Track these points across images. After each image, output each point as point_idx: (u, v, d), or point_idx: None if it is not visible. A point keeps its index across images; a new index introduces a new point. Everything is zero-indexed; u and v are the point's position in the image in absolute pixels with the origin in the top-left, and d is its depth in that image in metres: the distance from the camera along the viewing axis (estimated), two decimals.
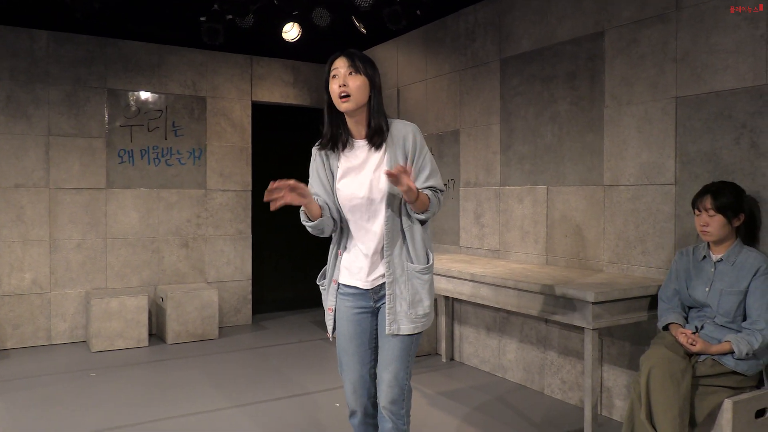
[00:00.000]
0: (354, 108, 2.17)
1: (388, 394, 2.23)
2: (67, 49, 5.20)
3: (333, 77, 2.18)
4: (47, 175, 5.16)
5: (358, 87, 2.15)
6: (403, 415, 2.25)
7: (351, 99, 2.14)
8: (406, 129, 2.23)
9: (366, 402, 2.33)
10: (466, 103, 4.68)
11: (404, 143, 2.21)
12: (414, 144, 2.21)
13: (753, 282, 2.60)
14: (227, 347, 5.16)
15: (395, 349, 2.22)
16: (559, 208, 3.89)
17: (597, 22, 3.62)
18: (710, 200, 2.68)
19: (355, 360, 2.31)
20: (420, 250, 2.24)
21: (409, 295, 2.22)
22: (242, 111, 6.00)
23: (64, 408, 3.70)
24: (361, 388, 2.32)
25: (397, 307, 2.21)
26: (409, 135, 2.22)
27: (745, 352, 2.51)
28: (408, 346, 2.24)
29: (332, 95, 2.19)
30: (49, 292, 5.19)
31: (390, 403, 2.23)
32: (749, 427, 2.58)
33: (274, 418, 3.53)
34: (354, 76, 2.15)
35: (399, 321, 2.21)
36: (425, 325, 2.26)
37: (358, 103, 2.16)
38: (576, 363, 3.77)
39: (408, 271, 2.22)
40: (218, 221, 5.88)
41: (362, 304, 2.28)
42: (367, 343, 2.31)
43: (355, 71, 2.16)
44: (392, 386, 2.22)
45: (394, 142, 2.21)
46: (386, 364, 2.23)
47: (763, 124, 2.82)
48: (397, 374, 2.22)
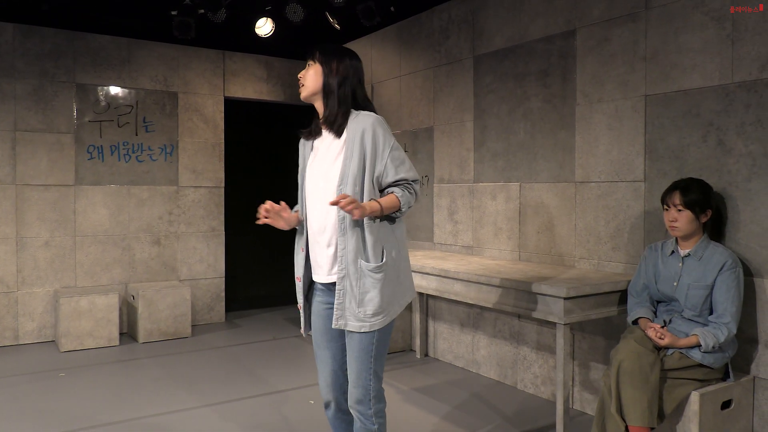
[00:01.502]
0: (306, 95, 2.27)
1: (353, 393, 2.22)
2: (33, 42, 5.08)
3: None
4: (13, 172, 5.04)
5: (310, 75, 2.25)
6: (371, 415, 2.21)
7: (304, 87, 2.27)
8: (365, 122, 2.16)
9: (339, 396, 2.34)
10: (440, 100, 4.69)
11: (362, 138, 2.14)
12: (373, 139, 2.14)
13: (719, 277, 2.66)
14: (200, 346, 5.11)
15: (354, 349, 2.20)
16: (532, 204, 3.93)
17: (568, 20, 3.66)
18: (679, 196, 2.73)
19: (327, 355, 2.33)
20: (374, 248, 2.15)
21: (358, 292, 2.15)
22: (215, 107, 5.93)
23: (32, 409, 3.63)
24: (334, 382, 2.34)
25: (346, 303, 2.16)
26: (368, 130, 2.14)
27: (712, 345, 2.57)
28: (366, 346, 2.17)
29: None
30: (16, 291, 5.07)
31: (356, 403, 2.22)
32: (715, 418, 2.64)
33: (248, 417, 3.51)
34: (310, 66, 2.26)
35: (346, 317, 2.16)
36: (377, 326, 2.16)
37: (310, 90, 2.26)
38: (548, 358, 3.81)
39: (360, 268, 2.15)
40: (191, 218, 5.82)
41: (329, 299, 2.28)
42: (338, 339, 2.30)
43: (312, 61, 2.26)
44: (356, 386, 2.21)
45: (353, 133, 2.16)
46: (349, 363, 2.24)
47: (729, 123, 2.88)
48: (359, 374, 2.19)
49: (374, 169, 2.15)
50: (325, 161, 2.23)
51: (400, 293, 2.24)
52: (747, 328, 2.81)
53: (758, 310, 2.80)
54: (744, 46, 2.82)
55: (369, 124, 2.16)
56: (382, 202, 2.13)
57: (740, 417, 2.76)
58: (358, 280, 2.15)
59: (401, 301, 2.25)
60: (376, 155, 2.15)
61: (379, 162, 2.15)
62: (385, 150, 2.15)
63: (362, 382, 2.20)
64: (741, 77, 2.83)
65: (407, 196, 2.18)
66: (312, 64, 2.25)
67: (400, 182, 2.18)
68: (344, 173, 2.14)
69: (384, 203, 2.13)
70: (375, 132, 2.15)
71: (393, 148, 2.17)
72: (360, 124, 2.16)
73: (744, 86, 2.82)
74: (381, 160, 2.15)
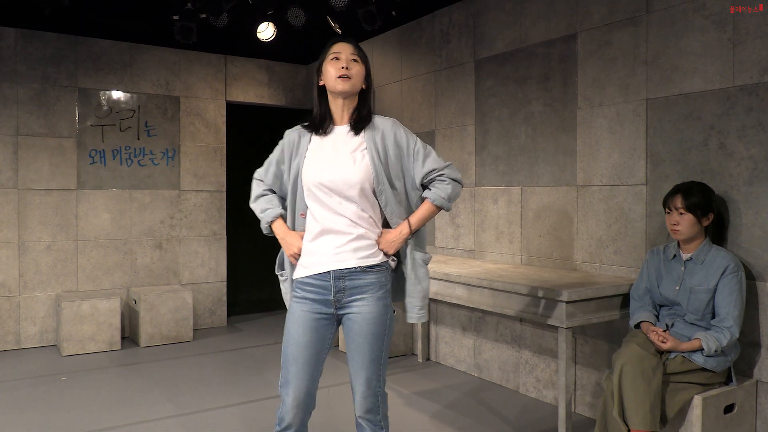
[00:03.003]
0: (350, 91, 2.15)
1: (363, 404, 2.13)
2: (35, 46, 5.10)
3: (333, 59, 2.15)
4: (15, 176, 5.05)
5: (359, 73, 2.16)
6: (380, 420, 2.18)
7: (350, 82, 2.13)
8: (386, 123, 2.20)
9: (304, 417, 2.17)
10: (441, 104, 4.70)
11: (384, 137, 2.16)
12: (398, 139, 2.18)
13: (721, 280, 2.65)
14: (202, 350, 5.11)
15: (365, 356, 2.12)
16: (533, 208, 3.93)
17: (569, 24, 3.66)
18: (681, 199, 2.73)
19: (306, 372, 2.12)
20: (423, 238, 2.26)
21: (414, 281, 2.22)
22: (216, 111, 5.94)
23: (33, 413, 3.62)
24: (303, 402, 2.14)
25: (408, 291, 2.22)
26: (390, 131, 2.18)
27: (714, 349, 2.56)
28: (380, 351, 2.14)
29: (328, 75, 2.15)
30: (18, 296, 5.08)
31: (366, 413, 2.14)
32: (718, 422, 2.63)
33: (250, 421, 3.51)
34: (356, 63, 2.16)
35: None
36: (424, 317, 2.27)
37: (355, 87, 2.16)
38: (550, 361, 3.81)
39: (414, 259, 2.22)
40: (192, 222, 5.82)
41: (319, 308, 2.13)
42: (321, 353, 2.15)
43: (359, 59, 2.17)
44: (366, 396, 2.12)
45: (374, 130, 2.18)
46: (356, 372, 2.13)
47: (730, 126, 2.88)
48: (370, 382, 2.12)
49: (404, 169, 2.19)
50: (339, 156, 2.14)
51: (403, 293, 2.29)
52: (749, 331, 2.81)
53: (760, 314, 2.79)
54: (745, 49, 2.82)
55: (390, 126, 2.20)
56: (412, 218, 2.18)
57: (743, 421, 2.75)
58: (413, 269, 2.19)
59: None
60: (405, 156, 2.19)
61: (408, 162, 2.19)
62: (412, 147, 2.19)
63: (372, 390, 2.13)
64: (742, 80, 2.83)
65: (443, 189, 2.19)
66: (359, 63, 2.17)
67: (432, 175, 2.19)
68: (377, 173, 2.13)
69: (414, 218, 2.18)
70: (397, 134, 2.19)
71: (417, 143, 2.21)
72: (380, 124, 2.20)
73: (745, 90, 2.82)
74: (409, 160, 2.19)
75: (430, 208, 2.20)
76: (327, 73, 2.16)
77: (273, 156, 2.29)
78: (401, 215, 2.18)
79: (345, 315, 2.15)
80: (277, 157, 2.27)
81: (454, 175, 2.21)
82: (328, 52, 2.18)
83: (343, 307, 2.13)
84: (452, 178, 2.21)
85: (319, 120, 2.21)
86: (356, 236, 2.12)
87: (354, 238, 2.11)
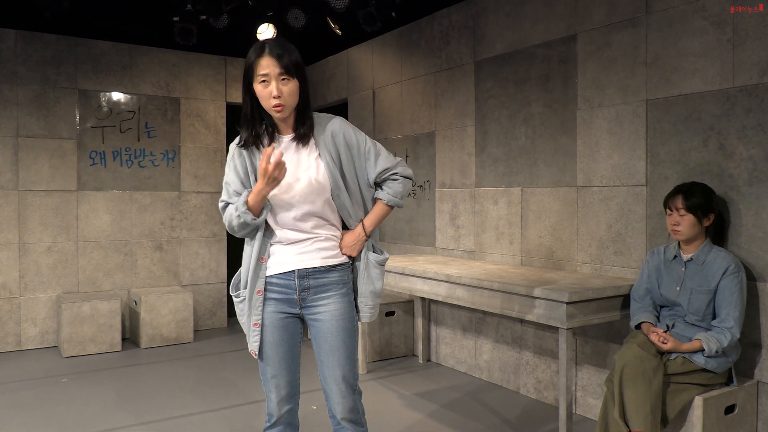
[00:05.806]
0: (287, 114, 2.07)
1: (344, 403, 2.12)
2: (35, 48, 5.10)
3: (262, 81, 2.01)
4: (16, 178, 5.05)
5: (291, 92, 2.03)
6: (360, 416, 2.18)
7: (285, 107, 2.03)
8: (333, 125, 2.14)
9: (294, 406, 2.20)
10: (441, 105, 4.70)
11: (334, 140, 2.12)
12: (349, 140, 2.14)
13: (722, 281, 2.66)
14: (202, 351, 5.11)
15: (340, 354, 2.13)
16: (534, 209, 3.93)
17: (569, 25, 3.67)
18: (681, 200, 2.74)
19: (284, 368, 2.15)
20: (376, 242, 2.28)
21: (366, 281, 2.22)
22: (216, 112, 5.95)
23: (34, 415, 3.63)
24: (290, 392, 2.18)
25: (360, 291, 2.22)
26: (339, 132, 2.13)
27: (715, 349, 2.57)
28: (353, 344, 2.17)
29: (261, 96, 2.04)
30: (18, 297, 5.08)
31: (349, 412, 2.13)
32: (719, 423, 2.63)
33: (250, 422, 3.51)
34: (286, 81, 2.01)
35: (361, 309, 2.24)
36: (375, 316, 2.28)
37: (291, 107, 2.06)
38: (551, 362, 3.81)
39: (368, 259, 2.21)
40: (193, 223, 5.82)
41: (287, 309, 2.14)
42: (295, 347, 2.18)
43: (287, 76, 2.01)
44: (345, 395, 2.12)
45: (323, 134, 2.13)
46: (332, 369, 2.12)
47: (730, 127, 2.89)
48: (346, 379, 2.12)
49: (357, 169, 2.17)
50: (297, 171, 2.10)
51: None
52: (750, 332, 2.81)
53: (761, 315, 2.79)
54: (744, 50, 2.83)
55: (338, 127, 2.15)
56: (367, 221, 2.19)
57: (744, 422, 2.76)
58: (366, 269, 2.19)
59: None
60: (356, 156, 2.16)
61: (360, 161, 2.17)
62: (362, 147, 2.17)
63: (350, 387, 2.14)
64: (742, 81, 2.84)
65: (395, 189, 2.19)
66: (289, 80, 2.01)
67: (385, 174, 2.18)
68: (335, 179, 2.10)
69: (369, 221, 2.19)
70: (345, 134, 2.15)
71: (366, 141, 2.18)
72: (328, 127, 2.14)
73: (745, 90, 2.83)
74: (361, 160, 2.17)
75: (384, 208, 2.21)
76: (259, 94, 2.05)
77: (228, 177, 2.18)
78: (358, 216, 2.19)
79: (311, 317, 2.14)
80: (233, 177, 2.16)
81: (405, 173, 2.22)
82: (255, 70, 2.02)
83: (307, 307, 2.14)
84: (404, 176, 2.21)
85: (258, 136, 2.12)
86: (321, 238, 2.14)
87: (318, 239, 2.14)
